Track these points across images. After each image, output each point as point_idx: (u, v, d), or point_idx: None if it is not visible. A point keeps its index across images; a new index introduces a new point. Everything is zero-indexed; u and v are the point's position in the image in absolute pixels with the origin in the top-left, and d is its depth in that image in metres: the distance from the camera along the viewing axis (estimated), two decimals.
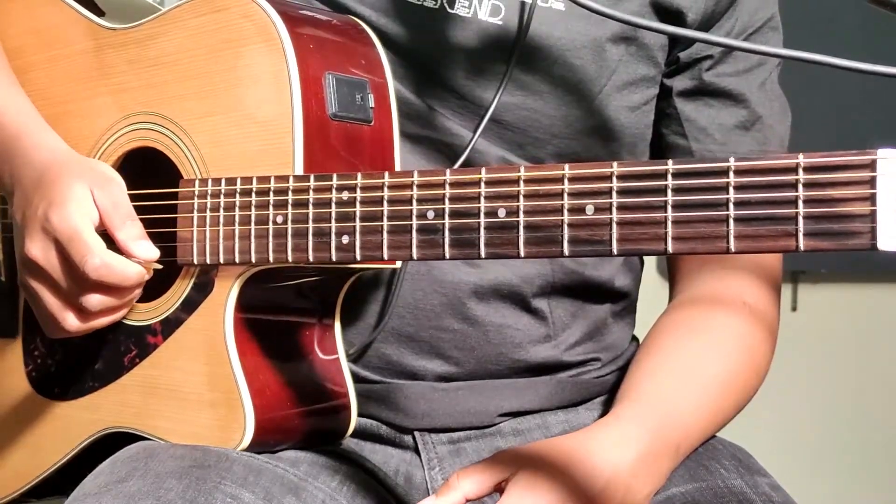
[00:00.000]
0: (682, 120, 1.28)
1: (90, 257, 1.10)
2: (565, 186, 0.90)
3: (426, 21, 1.20)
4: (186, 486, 1.04)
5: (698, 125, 1.28)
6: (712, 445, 1.21)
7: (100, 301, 1.13)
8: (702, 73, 1.27)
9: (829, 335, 3.11)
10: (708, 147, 1.27)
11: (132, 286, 1.13)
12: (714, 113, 1.27)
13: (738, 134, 1.28)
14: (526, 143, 1.23)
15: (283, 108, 1.08)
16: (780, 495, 1.13)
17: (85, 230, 1.11)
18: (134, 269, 1.12)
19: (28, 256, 1.14)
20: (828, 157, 0.80)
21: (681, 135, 1.28)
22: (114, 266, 1.11)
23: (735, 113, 1.27)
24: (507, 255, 0.93)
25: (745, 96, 1.27)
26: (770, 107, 1.29)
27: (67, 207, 1.12)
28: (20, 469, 1.29)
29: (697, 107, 1.28)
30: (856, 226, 0.78)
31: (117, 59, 1.23)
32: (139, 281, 1.13)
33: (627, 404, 1.16)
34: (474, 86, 1.21)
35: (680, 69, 1.27)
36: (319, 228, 1.04)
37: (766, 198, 0.81)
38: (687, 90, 1.28)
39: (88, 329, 1.15)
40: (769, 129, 1.29)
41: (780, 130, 1.30)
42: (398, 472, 1.25)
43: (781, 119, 1.31)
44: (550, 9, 1.20)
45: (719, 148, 1.27)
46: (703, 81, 1.27)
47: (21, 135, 1.22)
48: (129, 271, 1.12)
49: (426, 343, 1.24)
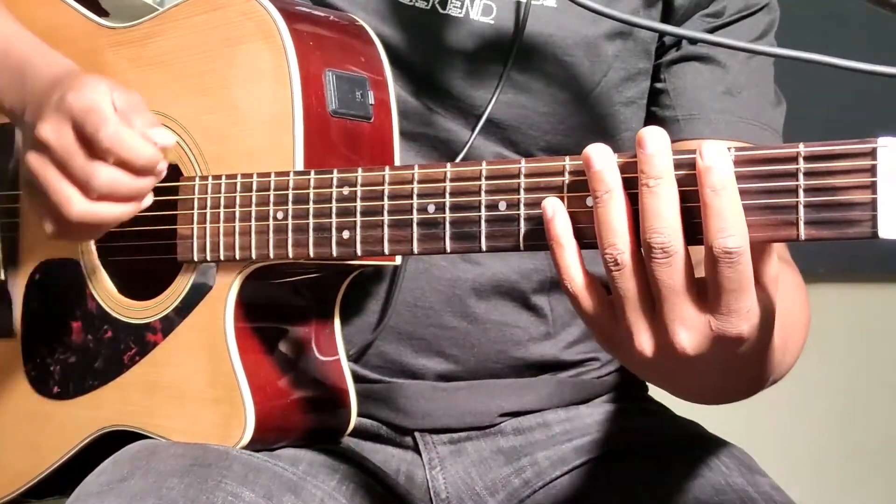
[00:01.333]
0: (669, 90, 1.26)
1: (105, 125, 1.05)
2: (566, 179, 0.90)
3: (418, 22, 1.21)
4: (188, 484, 1.04)
5: (684, 92, 1.25)
6: (714, 445, 1.21)
7: (109, 176, 1.06)
8: (684, 44, 1.25)
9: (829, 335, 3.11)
10: (692, 112, 1.24)
11: (144, 167, 1.07)
12: (699, 79, 1.24)
13: (726, 99, 1.24)
14: (519, 140, 1.23)
15: (284, 105, 1.09)
16: (780, 495, 1.13)
17: (103, 103, 1.06)
18: (148, 148, 1.07)
19: (39, 137, 1.09)
20: (828, 146, 0.80)
21: (667, 106, 1.26)
22: (128, 138, 1.06)
23: (720, 77, 1.24)
24: (509, 248, 0.93)
25: (728, 63, 1.24)
26: (758, 81, 1.26)
27: (85, 88, 1.08)
28: (20, 468, 1.29)
29: (682, 74, 1.25)
30: (856, 214, 0.78)
31: (117, 58, 1.23)
32: (151, 164, 1.07)
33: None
34: (468, 85, 1.21)
35: (666, 49, 1.27)
36: (320, 224, 1.04)
37: (767, 187, 0.81)
38: (671, 60, 1.26)
39: (94, 217, 1.08)
40: (758, 101, 1.25)
41: (773, 111, 1.27)
42: (399, 472, 1.25)
43: (774, 104, 1.27)
44: (542, 6, 1.21)
45: (706, 113, 1.23)
46: (688, 49, 1.25)
47: (32, 57, 1.19)
48: (143, 147, 1.06)
49: (426, 341, 1.24)
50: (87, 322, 1.23)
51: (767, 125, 1.25)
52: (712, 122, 1.23)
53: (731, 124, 1.23)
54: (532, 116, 1.23)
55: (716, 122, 1.23)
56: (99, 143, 1.05)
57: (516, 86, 1.21)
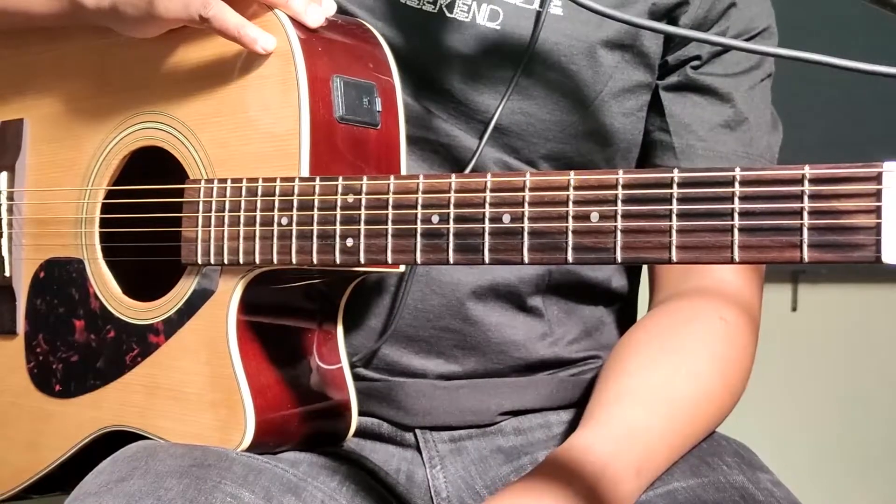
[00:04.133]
0: (667, 116, 1.27)
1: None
2: (570, 193, 0.90)
3: (425, 25, 1.21)
4: (187, 485, 1.04)
5: (682, 121, 1.26)
6: (715, 441, 1.21)
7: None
8: (688, 71, 1.26)
9: (829, 335, 3.11)
10: (690, 143, 1.26)
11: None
12: (699, 110, 1.26)
13: (723, 132, 1.26)
14: (520, 147, 1.23)
15: (290, 110, 1.08)
16: (781, 491, 1.13)
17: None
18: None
19: None
20: (833, 169, 0.79)
21: (664, 130, 1.27)
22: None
23: (720, 111, 1.26)
24: (511, 261, 0.93)
25: (732, 95, 1.26)
26: (758, 112, 1.27)
27: None
28: (20, 465, 1.29)
29: (682, 103, 1.26)
30: (860, 238, 0.78)
31: (125, 58, 1.23)
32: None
33: (589, 427, 1.13)
34: (472, 90, 1.21)
35: (668, 70, 1.27)
36: (324, 231, 1.04)
37: (771, 208, 0.81)
38: (672, 85, 1.27)
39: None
40: (756, 132, 1.27)
41: (767, 139, 1.28)
42: (399, 471, 1.25)
43: (770, 130, 1.29)
44: (549, 14, 1.20)
45: (702, 145, 1.25)
46: (689, 77, 1.26)
47: None
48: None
49: (427, 343, 1.24)
50: (90, 321, 1.23)
51: (762, 156, 1.27)
52: (709, 157, 1.25)
53: (725, 159, 1.25)
54: (535, 124, 1.22)
55: (712, 157, 1.25)
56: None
57: (521, 92, 1.21)
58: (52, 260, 1.28)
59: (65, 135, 1.28)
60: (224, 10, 1.08)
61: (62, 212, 1.27)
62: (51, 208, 1.29)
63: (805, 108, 2.71)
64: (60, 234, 1.27)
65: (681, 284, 1.26)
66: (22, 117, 1.33)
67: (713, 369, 1.19)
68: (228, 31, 1.09)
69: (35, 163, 1.32)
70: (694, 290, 1.24)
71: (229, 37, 1.09)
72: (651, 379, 1.17)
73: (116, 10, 1.16)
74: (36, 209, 1.31)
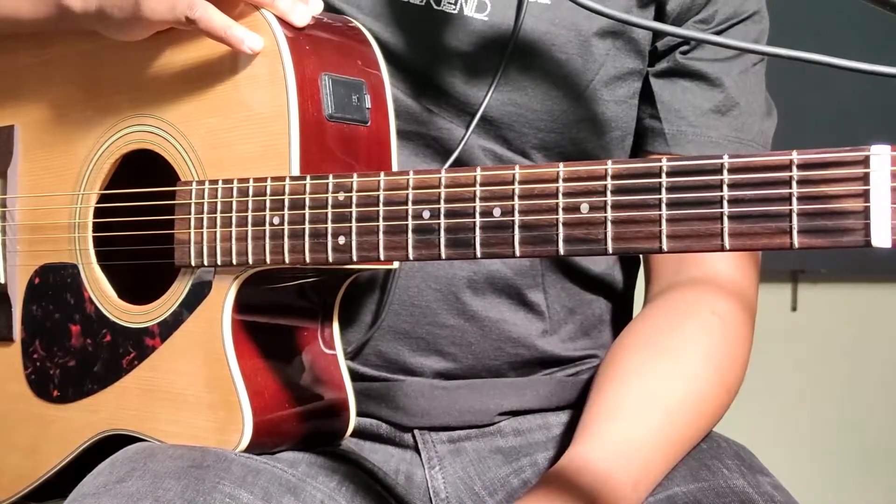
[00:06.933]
0: (657, 102, 1.26)
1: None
2: (560, 185, 0.90)
3: (413, 18, 1.20)
4: (185, 486, 1.04)
5: (672, 107, 1.26)
6: (715, 443, 1.21)
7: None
8: (677, 56, 1.26)
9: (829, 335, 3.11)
10: (681, 129, 1.25)
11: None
12: (689, 96, 1.25)
13: (713, 118, 1.25)
14: (512, 138, 1.23)
15: (280, 109, 1.09)
16: (782, 495, 1.13)
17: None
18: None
19: None
20: (821, 154, 0.80)
21: (655, 117, 1.26)
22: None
23: (710, 96, 1.25)
24: (503, 254, 0.93)
25: (722, 80, 1.25)
26: (750, 97, 1.27)
27: None
28: (20, 471, 1.29)
29: (672, 89, 1.26)
30: (849, 222, 0.78)
31: (114, 62, 1.23)
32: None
33: (585, 441, 1.13)
34: (461, 82, 1.21)
35: (658, 56, 1.27)
36: (316, 229, 1.04)
37: (760, 195, 0.81)
38: (662, 72, 1.26)
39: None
40: (747, 117, 1.26)
41: (760, 124, 1.28)
42: (398, 472, 1.25)
43: (763, 115, 1.28)
44: (537, 3, 1.20)
45: (693, 130, 1.25)
46: (679, 63, 1.26)
47: None
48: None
49: (423, 339, 1.24)
50: (86, 326, 1.23)
51: (754, 141, 1.26)
52: (700, 142, 1.25)
53: (717, 144, 1.24)
54: (525, 114, 1.22)
55: (703, 143, 1.25)
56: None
57: (510, 83, 1.21)
58: (46, 266, 1.28)
59: (56, 140, 1.28)
60: (210, 11, 1.09)
61: (55, 217, 1.27)
62: (44, 214, 1.29)
63: (805, 108, 2.71)
64: (54, 240, 1.27)
65: (675, 276, 1.25)
66: (12, 123, 1.33)
67: (708, 369, 1.18)
68: (215, 31, 1.09)
69: (27, 169, 1.32)
70: (687, 282, 1.24)
71: (216, 38, 1.09)
72: (646, 386, 1.16)
73: (103, 12, 1.16)
74: (29, 215, 1.31)
